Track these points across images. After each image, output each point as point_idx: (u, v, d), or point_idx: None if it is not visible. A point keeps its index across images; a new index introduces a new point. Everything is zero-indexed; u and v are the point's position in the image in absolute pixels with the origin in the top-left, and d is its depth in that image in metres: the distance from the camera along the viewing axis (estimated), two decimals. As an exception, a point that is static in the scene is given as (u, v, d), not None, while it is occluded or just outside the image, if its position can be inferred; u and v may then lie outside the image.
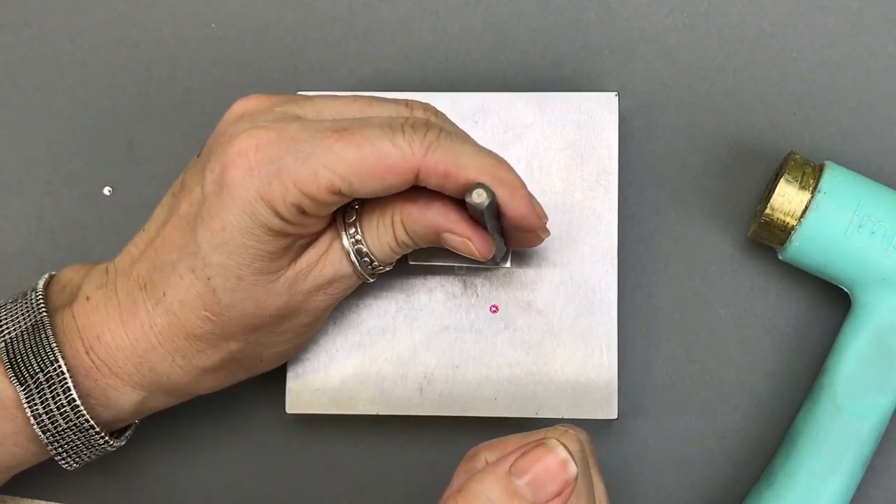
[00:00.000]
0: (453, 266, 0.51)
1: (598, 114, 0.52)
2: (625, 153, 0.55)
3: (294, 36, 0.57)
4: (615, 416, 0.51)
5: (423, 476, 0.55)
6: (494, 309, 0.52)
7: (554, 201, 0.52)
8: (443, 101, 0.53)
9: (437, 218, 0.46)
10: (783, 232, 0.50)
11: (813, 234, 0.50)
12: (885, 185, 0.51)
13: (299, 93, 0.54)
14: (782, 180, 0.50)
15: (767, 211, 0.50)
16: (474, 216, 0.46)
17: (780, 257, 0.52)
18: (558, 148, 0.52)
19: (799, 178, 0.50)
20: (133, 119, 0.58)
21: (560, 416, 0.51)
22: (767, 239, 0.51)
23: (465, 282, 0.52)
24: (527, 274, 0.52)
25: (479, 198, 0.43)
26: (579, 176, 0.52)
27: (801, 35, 0.55)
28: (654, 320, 0.54)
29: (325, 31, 0.57)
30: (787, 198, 0.50)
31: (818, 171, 0.50)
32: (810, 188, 0.50)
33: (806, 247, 0.50)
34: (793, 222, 0.50)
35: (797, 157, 0.51)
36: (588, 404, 0.51)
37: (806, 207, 0.49)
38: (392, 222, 0.47)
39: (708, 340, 0.54)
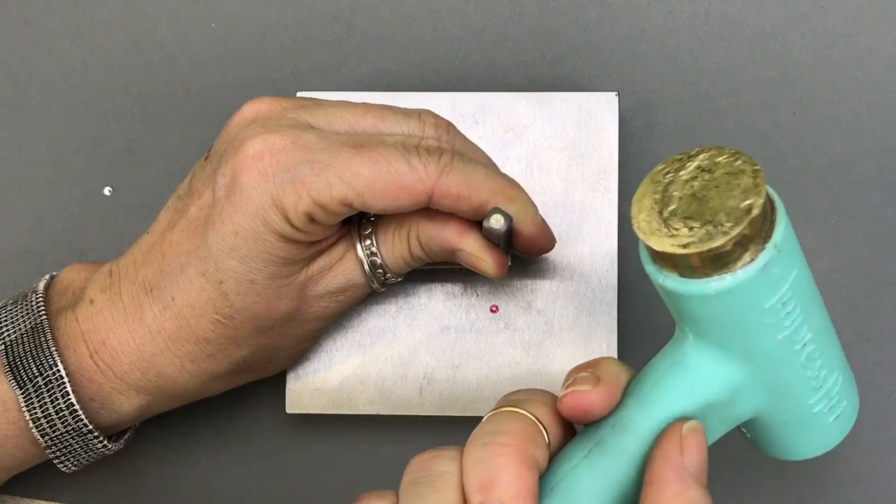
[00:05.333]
0: (453, 266, 0.52)
1: (598, 114, 0.52)
2: (625, 153, 0.55)
3: (294, 36, 0.57)
4: (615, 416, 0.51)
5: (423, 476, 0.55)
6: (494, 309, 0.52)
7: (554, 201, 0.52)
8: (443, 101, 0.53)
9: (452, 237, 0.46)
10: (701, 267, 0.37)
11: (738, 291, 0.37)
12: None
13: (299, 93, 0.54)
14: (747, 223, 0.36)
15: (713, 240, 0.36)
16: (489, 237, 0.46)
17: (659, 281, 0.38)
18: (558, 148, 0.52)
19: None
20: (133, 119, 0.58)
21: (560, 416, 0.51)
22: (676, 260, 0.37)
23: (465, 282, 0.52)
24: (527, 274, 0.52)
25: (497, 223, 0.45)
26: (579, 176, 0.52)
27: (801, 35, 0.55)
28: (654, 320, 0.54)
29: (325, 31, 0.57)
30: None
31: (771, 220, 0.37)
32: (761, 241, 0.37)
33: (718, 299, 0.37)
34: (724, 268, 0.37)
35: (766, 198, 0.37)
36: (588, 404, 0.51)
37: (749, 262, 0.37)
38: (408, 237, 0.47)
39: (708, 340, 0.54)
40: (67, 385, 0.46)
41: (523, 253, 0.49)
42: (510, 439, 0.38)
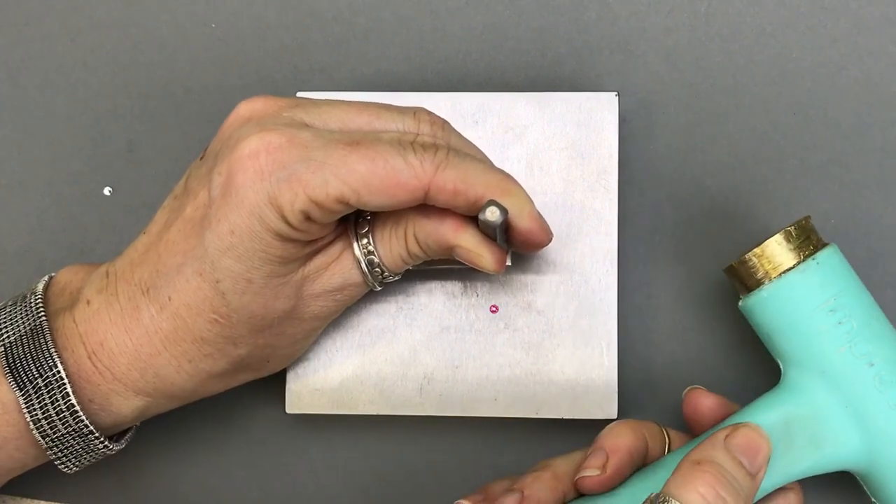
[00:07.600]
0: (453, 266, 0.52)
1: (598, 114, 0.52)
2: (625, 153, 0.55)
3: (294, 36, 0.57)
4: (615, 417, 0.51)
5: (423, 476, 0.55)
6: (494, 309, 0.52)
7: (554, 201, 0.52)
8: (443, 101, 0.53)
9: (449, 233, 0.46)
10: (758, 278, 0.48)
11: (785, 294, 0.47)
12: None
13: (299, 93, 0.54)
14: (783, 231, 0.47)
15: (756, 251, 0.47)
16: (486, 231, 0.46)
17: (739, 304, 0.49)
18: (558, 148, 0.52)
19: (800, 239, 0.47)
20: (133, 119, 0.58)
21: (560, 416, 0.51)
22: (741, 277, 0.48)
23: (465, 282, 0.52)
24: (527, 274, 0.52)
25: (492, 216, 0.44)
26: (579, 176, 0.52)
27: (801, 35, 0.55)
28: (654, 320, 0.54)
29: (325, 31, 0.57)
30: (780, 248, 0.47)
31: (820, 245, 0.48)
32: (805, 253, 0.47)
33: (771, 303, 0.47)
34: (773, 273, 0.47)
35: (810, 223, 0.48)
36: (588, 404, 0.51)
37: (792, 267, 0.47)
38: (405, 235, 0.47)
39: (708, 340, 0.54)
40: (68, 386, 0.46)
41: (520, 248, 0.49)
42: None
